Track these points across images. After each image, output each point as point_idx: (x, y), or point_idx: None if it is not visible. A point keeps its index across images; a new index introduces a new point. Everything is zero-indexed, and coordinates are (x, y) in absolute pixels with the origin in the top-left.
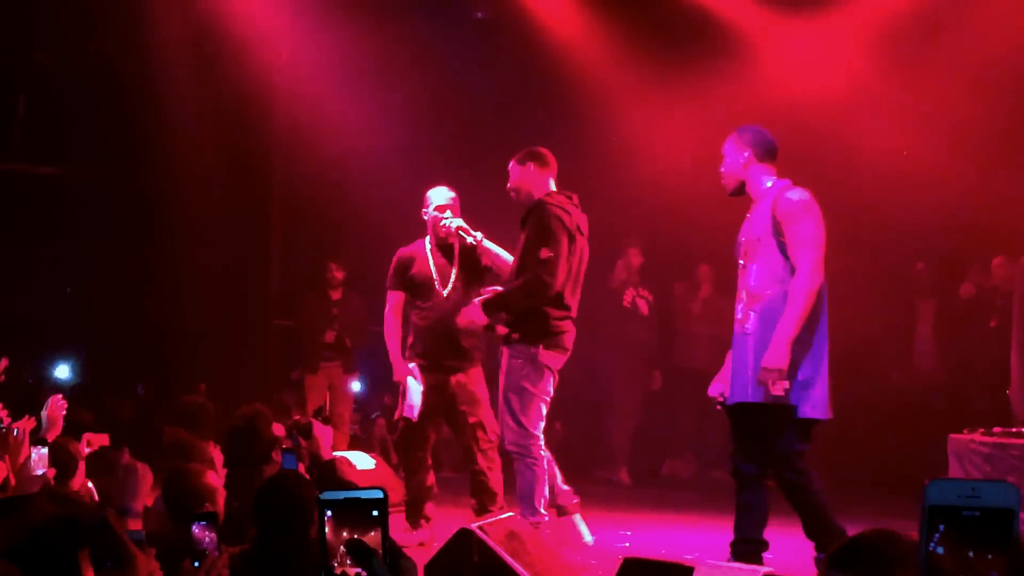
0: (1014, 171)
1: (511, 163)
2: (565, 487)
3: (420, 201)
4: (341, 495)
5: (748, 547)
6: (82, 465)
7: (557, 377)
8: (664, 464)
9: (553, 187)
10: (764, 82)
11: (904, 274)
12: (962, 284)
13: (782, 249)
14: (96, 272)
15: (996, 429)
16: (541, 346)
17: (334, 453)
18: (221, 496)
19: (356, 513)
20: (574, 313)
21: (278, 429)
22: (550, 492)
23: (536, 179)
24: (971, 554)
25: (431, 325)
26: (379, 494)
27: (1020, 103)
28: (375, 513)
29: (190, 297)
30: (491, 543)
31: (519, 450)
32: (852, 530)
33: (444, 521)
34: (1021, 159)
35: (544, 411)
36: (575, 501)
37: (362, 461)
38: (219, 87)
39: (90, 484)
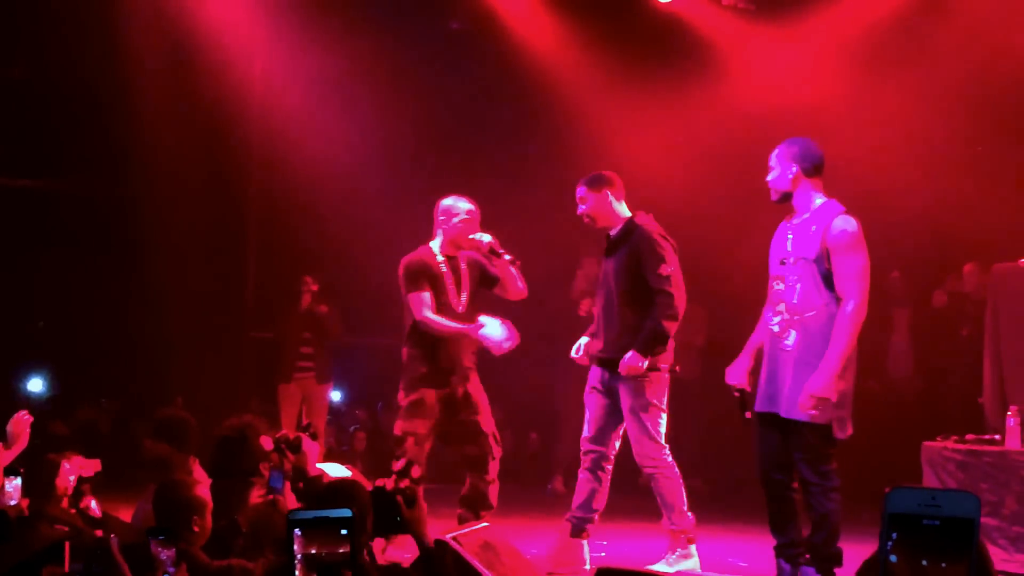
0: (985, 179)
1: (582, 188)
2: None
3: (395, 211)
4: (310, 514)
5: (795, 549)
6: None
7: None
8: (640, 473)
9: (627, 210)
10: (735, 92)
11: (879, 283)
12: (934, 293)
13: (827, 275)
14: (71, 284)
15: (969, 436)
16: (661, 363)
17: None
18: (210, 510)
19: (325, 532)
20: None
21: (266, 442)
22: (585, 507)
23: (613, 206)
24: (924, 563)
25: (447, 340)
26: (347, 513)
27: (990, 113)
28: (344, 532)
29: (166, 309)
30: (465, 554)
31: (654, 463)
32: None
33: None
34: (992, 167)
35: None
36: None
37: (336, 471)
38: (195, 99)
39: (93, 503)
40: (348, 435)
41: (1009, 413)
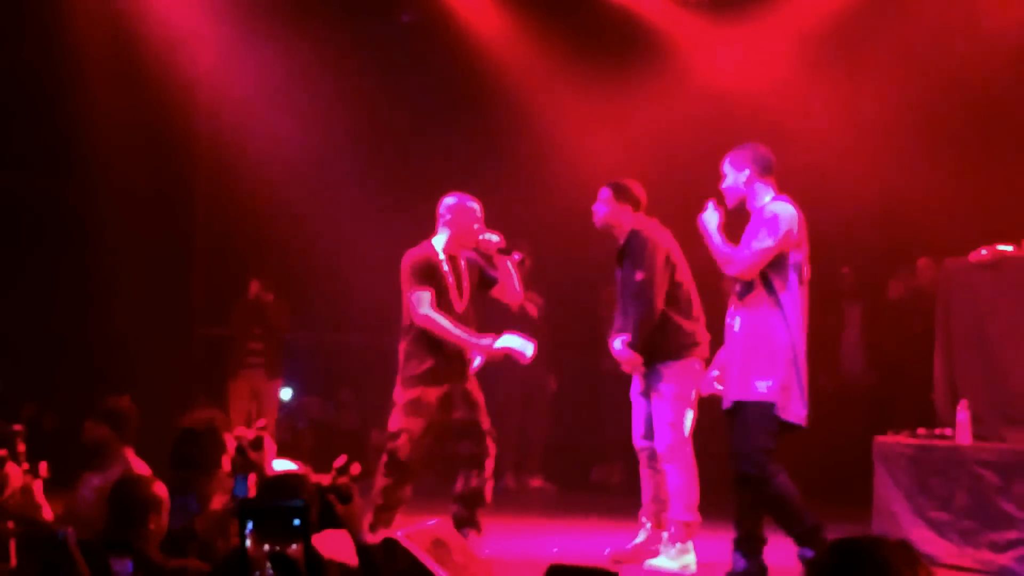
0: (938, 172)
1: (607, 192)
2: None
3: (345, 206)
4: (263, 505)
5: (754, 543)
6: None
7: None
8: (593, 470)
9: (636, 221)
10: (685, 87)
11: (830, 278)
12: (890, 283)
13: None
14: (15, 281)
15: (920, 431)
16: (690, 359)
17: None
18: (166, 508)
19: (278, 523)
20: (703, 321)
21: (227, 440)
22: (656, 498)
23: (629, 219)
24: None
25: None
26: (300, 503)
27: (942, 105)
28: (297, 523)
29: (112, 306)
30: (416, 551)
31: (675, 455)
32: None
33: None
34: (944, 160)
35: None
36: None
37: (285, 468)
38: (142, 94)
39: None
40: (297, 432)
41: (959, 408)
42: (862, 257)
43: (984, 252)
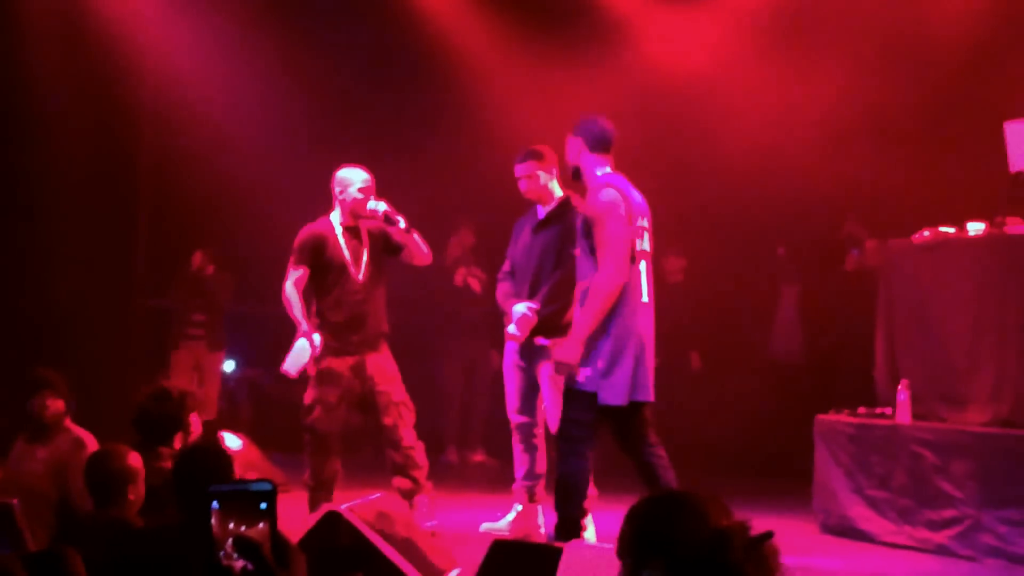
0: (883, 155)
1: (530, 165)
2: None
3: (291, 176)
4: (228, 487)
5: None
6: None
7: None
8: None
9: (559, 188)
10: (631, 68)
11: (768, 258)
12: (848, 255)
13: (592, 248)
14: None
15: (861, 410)
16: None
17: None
18: (142, 477)
19: (243, 506)
20: None
21: (195, 422)
22: (530, 475)
23: (551, 182)
24: None
25: (349, 309)
26: (267, 486)
27: (889, 89)
28: (263, 506)
29: (53, 276)
30: (359, 524)
31: None
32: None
33: None
34: (890, 144)
35: None
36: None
37: (230, 442)
38: (85, 60)
39: None
40: (235, 404)
41: (900, 387)
42: (804, 238)
43: (927, 234)
